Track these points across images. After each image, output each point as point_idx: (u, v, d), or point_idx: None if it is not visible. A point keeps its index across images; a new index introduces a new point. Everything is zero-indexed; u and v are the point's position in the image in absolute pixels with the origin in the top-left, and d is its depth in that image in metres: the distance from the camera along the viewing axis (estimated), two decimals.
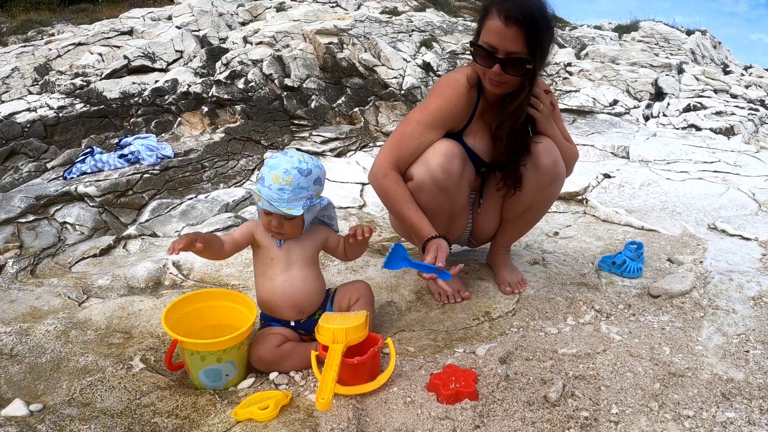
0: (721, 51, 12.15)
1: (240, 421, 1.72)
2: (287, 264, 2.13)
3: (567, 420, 1.65)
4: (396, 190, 2.23)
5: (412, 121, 2.28)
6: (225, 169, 4.91)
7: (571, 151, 2.45)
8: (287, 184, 1.97)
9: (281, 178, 1.97)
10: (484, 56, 2.06)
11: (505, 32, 1.98)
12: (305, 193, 2.01)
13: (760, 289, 2.48)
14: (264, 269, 2.15)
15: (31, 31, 9.13)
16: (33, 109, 5.93)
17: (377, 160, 2.30)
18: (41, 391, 1.96)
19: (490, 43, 2.02)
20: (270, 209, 1.99)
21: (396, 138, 2.30)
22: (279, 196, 1.97)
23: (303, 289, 2.14)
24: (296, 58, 6.63)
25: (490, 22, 2.01)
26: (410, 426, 1.66)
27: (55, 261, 3.38)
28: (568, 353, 2.02)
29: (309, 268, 2.18)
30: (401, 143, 2.27)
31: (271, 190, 1.97)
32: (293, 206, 1.98)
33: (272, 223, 2.05)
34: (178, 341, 1.90)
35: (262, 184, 2.01)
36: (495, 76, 2.08)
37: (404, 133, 2.28)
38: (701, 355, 2.01)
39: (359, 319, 1.91)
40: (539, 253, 3.04)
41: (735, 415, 1.67)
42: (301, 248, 2.16)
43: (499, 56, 2.02)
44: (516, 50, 2.00)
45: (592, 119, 6.87)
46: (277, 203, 1.96)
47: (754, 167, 5.00)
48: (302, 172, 1.99)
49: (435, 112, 2.26)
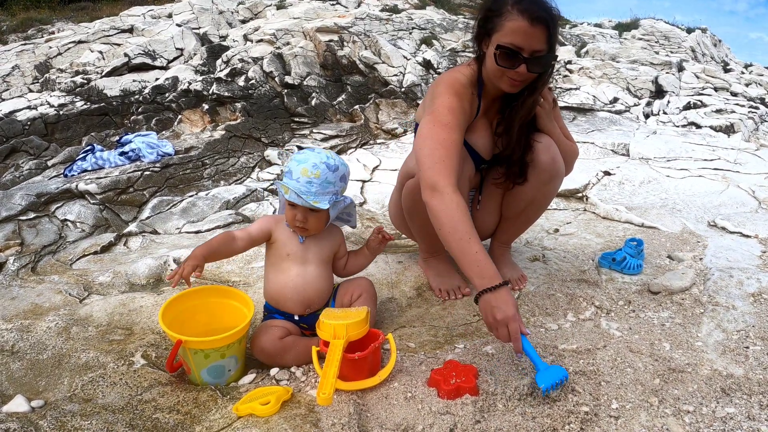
0: (721, 49, 12.15)
1: (241, 416, 1.72)
2: (303, 260, 2.14)
3: (567, 415, 1.66)
4: (461, 213, 1.90)
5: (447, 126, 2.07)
6: (225, 167, 4.91)
7: (571, 148, 2.45)
8: (316, 178, 1.99)
9: (310, 171, 1.99)
10: (508, 57, 2.01)
11: (531, 32, 1.95)
12: (332, 188, 2.04)
13: (760, 285, 2.48)
14: (278, 262, 2.15)
15: (31, 29, 9.13)
16: (33, 107, 5.93)
17: (437, 172, 1.97)
18: (42, 387, 1.97)
19: (514, 44, 1.97)
20: (297, 201, 2.01)
21: (442, 147, 2.02)
22: (307, 189, 1.99)
23: (315, 287, 2.16)
24: (297, 56, 6.63)
25: (511, 23, 1.97)
26: (411, 421, 1.67)
27: (56, 258, 3.39)
28: (568, 349, 2.03)
29: (323, 267, 2.19)
30: (451, 155, 2.02)
31: (299, 182, 2.00)
32: (320, 200, 2.01)
33: (297, 217, 2.06)
34: (182, 342, 1.88)
35: (290, 177, 2.03)
36: (519, 76, 2.04)
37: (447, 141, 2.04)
38: (701, 351, 2.02)
39: (360, 315, 1.91)
40: (539, 250, 3.04)
41: (735, 411, 1.67)
42: (319, 248, 2.18)
43: (525, 55, 1.99)
44: (540, 48, 1.99)
45: (593, 117, 6.87)
46: (305, 195, 1.99)
47: (754, 165, 5.00)
48: (330, 167, 2.02)
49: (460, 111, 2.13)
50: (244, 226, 3.69)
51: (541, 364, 1.76)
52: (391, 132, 5.92)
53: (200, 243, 3.36)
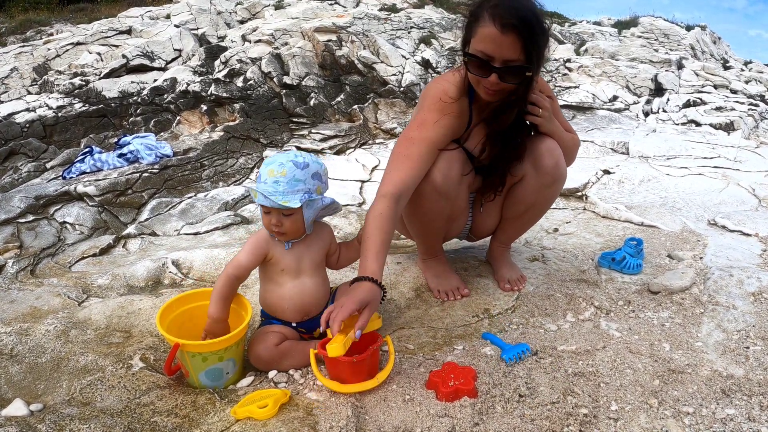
0: (720, 46, 12.14)
1: (239, 419, 1.71)
2: (297, 272, 2.10)
3: (566, 417, 1.65)
4: (379, 213, 2.01)
5: (414, 140, 2.14)
6: (224, 168, 4.91)
7: (573, 139, 2.41)
8: (282, 176, 1.92)
9: (276, 171, 1.93)
10: (479, 66, 1.95)
11: (501, 39, 1.86)
12: (302, 186, 1.95)
13: (761, 285, 2.47)
14: (272, 276, 2.11)
15: (30, 30, 9.13)
16: (32, 109, 5.93)
17: (383, 182, 2.10)
18: (41, 390, 1.96)
19: (485, 51, 1.91)
20: (265, 203, 1.94)
21: (400, 159, 2.14)
22: (274, 189, 1.92)
23: (313, 296, 2.13)
24: (295, 56, 6.62)
25: (483, 29, 1.89)
26: (409, 424, 1.66)
27: (54, 261, 3.38)
28: (567, 350, 2.02)
29: (318, 273, 2.16)
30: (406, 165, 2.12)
31: (266, 183, 1.94)
32: (289, 198, 1.92)
33: (272, 221, 2.00)
34: (179, 345, 1.87)
35: (259, 181, 1.98)
36: (492, 86, 1.97)
37: (409, 154, 2.13)
38: (701, 351, 2.01)
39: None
40: (539, 250, 3.03)
41: (735, 412, 1.66)
42: (311, 254, 2.13)
43: (496, 65, 1.92)
44: (513, 58, 1.90)
45: (592, 115, 6.87)
46: (273, 196, 1.91)
47: (754, 163, 4.99)
48: (298, 164, 1.95)
49: (433, 126, 2.15)
50: (244, 229, 3.72)
51: (504, 345, 2.04)
52: (390, 132, 5.91)
53: (199, 245, 3.39)
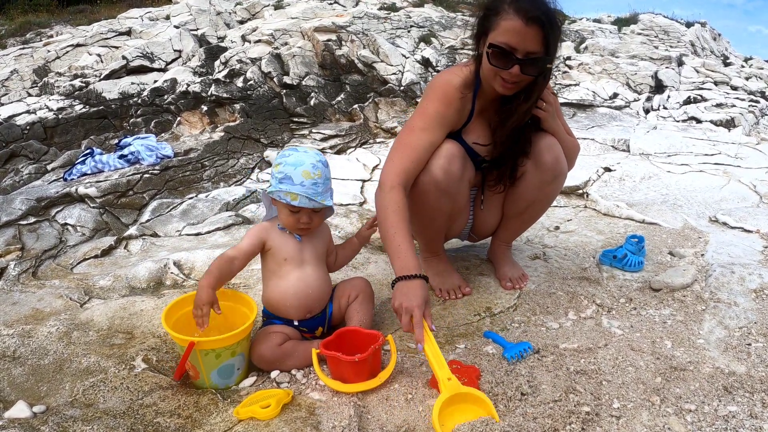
0: (720, 43, 12.12)
1: (242, 419, 1.72)
2: (300, 262, 2.10)
3: (568, 415, 1.65)
4: (397, 206, 2.05)
5: (416, 130, 2.20)
6: (225, 168, 4.91)
7: (573, 143, 2.43)
8: (319, 178, 1.98)
9: (312, 172, 1.97)
10: (501, 57, 1.98)
11: (525, 32, 1.92)
12: (329, 184, 2.06)
13: (762, 281, 2.47)
14: (275, 269, 2.11)
15: (29, 33, 9.14)
16: (32, 111, 5.93)
17: (385, 172, 2.16)
18: (44, 392, 1.97)
19: (508, 43, 1.95)
20: (309, 205, 1.98)
21: (402, 148, 2.20)
22: (314, 190, 1.97)
23: (317, 289, 2.13)
24: (295, 56, 6.62)
25: (506, 22, 1.94)
26: (412, 423, 1.66)
27: (56, 262, 3.39)
28: (569, 348, 2.02)
29: (320, 266, 2.17)
30: (409, 154, 2.18)
31: (305, 186, 1.96)
32: (326, 197, 2.02)
33: (302, 220, 2.03)
34: (194, 344, 1.85)
35: (291, 183, 1.96)
36: (512, 78, 2.01)
37: (410, 143, 2.19)
38: (703, 348, 2.01)
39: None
40: (540, 248, 3.03)
41: (737, 409, 1.66)
42: (313, 246, 2.15)
43: (519, 56, 1.96)
44: (535, 50, 1.95)
45: (592, 113, 6.87)
46: (316, 197, 1.98)
47: (755, 159, 4.99)
48: (325, 164, 2.04)
49: (435, 116, 2.19)
50: (246, 229, 3.71)
51: (506, 344, 2.04)
52: (391, 131, 5.91)
53: (200, 245, 3.39)
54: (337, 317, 2.22)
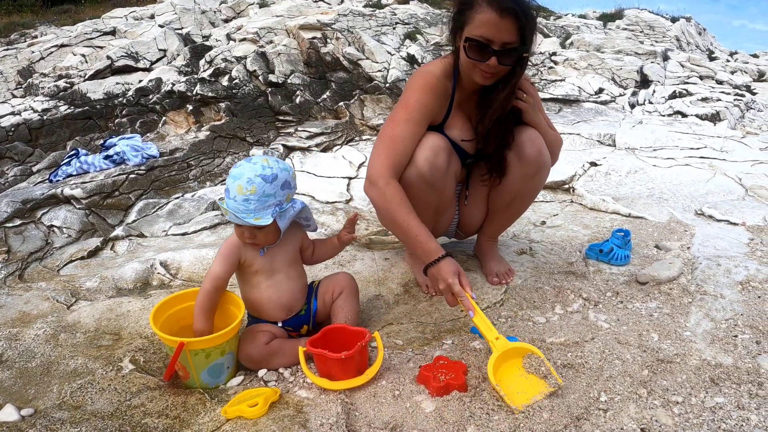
0: (706, 37, 12.20)
1: (230, 419, 1.72)
2: (271, 271, 2.09)
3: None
4: (400, 199, 2.10)
5: (400, 122, 2.21)
6: (211, 168, 4.88)
7: (556, 137, 2.44)
8: (252, 194, 1.87)
9: (245, 188, 1.87)
10: (478, 50, 2.02)
11: (500, 24, 1.95)
12: (272, 200, 1.92)
13: (748, 273, 2.49)
14: (248, 278, 2.10)
15: (14, 33, 9.03)
16: (17, 112, 5.87)
17: (374, 167, 2.18)
18: (32, 395, 1.95)
19: (484, 36, 1.98)
20: (237, 222, 1.92)
21: (388, 141, 2.21)
22: (245, 207, 1.88)
23: (289, 293, 2.12)
24: (280, 54, 6.60)
25: (481, 15, 1.98)
26: (399, 419, 1.66)
27: (43, 265, 3.36)
28: (556, 342, 2.03)
29: (292, 269, 2.15)
30: (395, 146, 2.19)
31: (236, 201, 1.88)
32: (261, 215, 1.90)
33: (245, 234, 1.98)
34: (184, 345, 1.84)
35: (228, 197, 1.92)
36: (489, 69, 2.04)
37: (395, 135, 2.20)
38: (689, 341, 2.02)
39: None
40: (526, 243, 3.04)
41: (724, 400, 1.67)
42: (284, 253, 2.12)
43: (495, 48, 1.99)
44: (511, 40, 1.98)
45: (578, 108, 6.89)
46: (243, 215, 1.88)
47: (740, 153, 5.02)
48: (266, 178, 1.88)
49: (417, 106, 2.21)
50: (232, 228, 3.69)
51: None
52: (377, 128, 5.90)
53: (187, 245, 3.38)
54: (322, 314, 2.21)
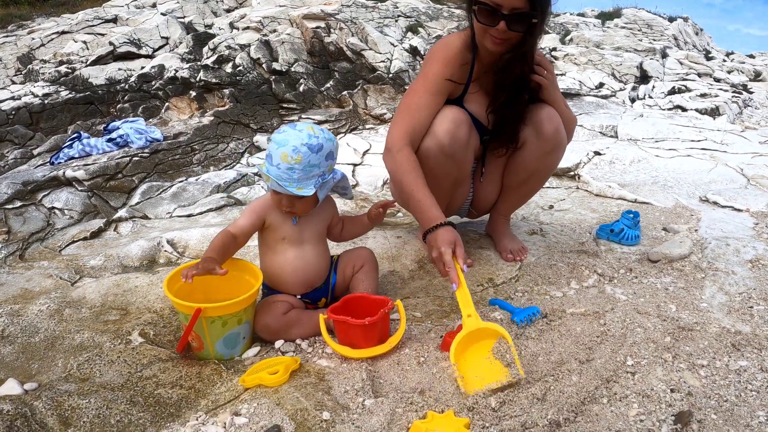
0: (702, 38, 12.26)
1: (248, 388, 1.67)
2: (299, 242, 2.04)
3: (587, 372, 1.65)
4: (410, 165, 2.10)
5: (418, 91, 2.23)
6: (215, 152, 4.86)
7: (571, 116, 2.44)
8: (297, 163, 1.81)
9: (290, 156, 1.80)
10: (488, 14, 2.02)
11: None
12: (316, 171, 1.86)
13: (757, 253, 2.51)
14: (272, 245, 2.05)
15: (11, 25, 8.95)
16: (17, 97, 5.82)
17: (391, 135, 2.19)
18: (35, 370, 1.90)
19: (494, 0, 1.98)
20: (279, 190, 1.87)
21: (405, 110, 2.23)
22: (288, 176, 1.82)
23: (315, 267, 2.08)
24: (284, 43, 6.58)
25: None
26: (426, 384, 1.64)
27: (44, 245, 3.31)
28: (576, 312, 2.02)
29: (320, 243, 2.12)
30: (413, 115, 2.20)
31: (279, 169, 1.82)
32: (304, 185, 1.84)
33: (283, 203, 1.93)
34: (200, 311, 1.77)
35: (270, 163, 1.86)
36: (499, 34, 2.04)
37: (412, 104, 2.22)
38: (707, 311, 2.03)
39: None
40: (537, 225, 3.03)
41: (748, 363, 1.68)
42: (313, 225, 2.07)
43: (504, 12, 1.99)
44: (520, 6, 1.98)
45: (579, 101, 6.90)
46: (286, 184, 1.83)
47: (740, 145, 5.04)
48: (312, 148, 1.82)
49: (437, 77, 2.22)
50: (239, 210, 3.67)
51: (514, 309, 2.04)
52: (380, 118, 5.90)
53: (193, 225, 3.34)
54: (341, 287, 2.18)
